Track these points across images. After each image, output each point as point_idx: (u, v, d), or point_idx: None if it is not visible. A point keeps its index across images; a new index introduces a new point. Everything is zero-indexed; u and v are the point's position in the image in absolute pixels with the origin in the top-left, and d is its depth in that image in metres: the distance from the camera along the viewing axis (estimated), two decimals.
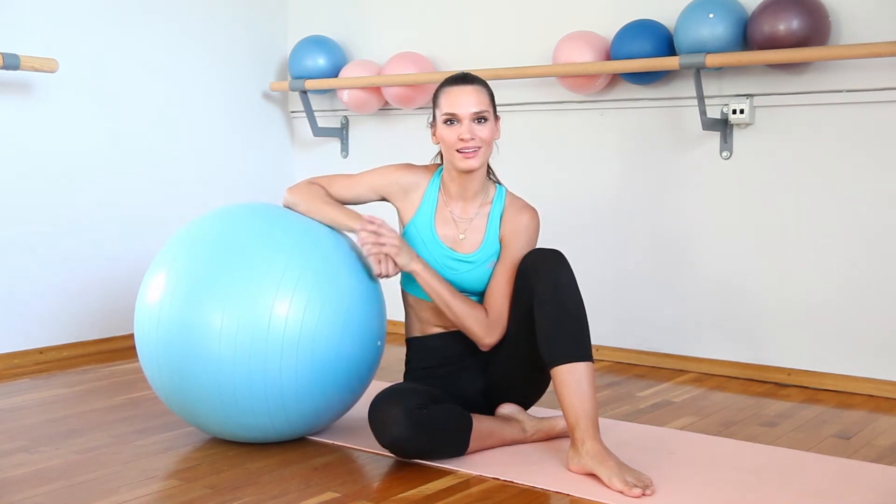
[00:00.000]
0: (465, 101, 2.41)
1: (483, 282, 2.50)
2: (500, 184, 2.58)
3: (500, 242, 2.50)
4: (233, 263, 2.31)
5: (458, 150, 2.42)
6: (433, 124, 2.49)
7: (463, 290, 2.51)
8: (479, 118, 2.42)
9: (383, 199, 2.61)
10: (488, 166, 2.57)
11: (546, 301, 2.31)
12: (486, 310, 2.46)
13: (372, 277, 2.47)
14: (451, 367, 2.55)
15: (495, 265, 2.49)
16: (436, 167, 2.58)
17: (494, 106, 2.48)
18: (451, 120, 2.42)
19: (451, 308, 2.43)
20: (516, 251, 2.47)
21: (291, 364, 2.29)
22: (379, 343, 2.51)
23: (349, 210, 2.53)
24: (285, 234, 2.39)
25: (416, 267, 2.42)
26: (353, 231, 2.49)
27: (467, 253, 2.50)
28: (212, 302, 2.28)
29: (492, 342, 2.46)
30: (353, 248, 2.52)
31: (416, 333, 2.59)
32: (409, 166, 2.59)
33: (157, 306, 2.35)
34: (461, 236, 2.51)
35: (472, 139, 2.40)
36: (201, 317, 2.27)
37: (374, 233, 2.40)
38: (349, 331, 2.37)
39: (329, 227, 2.51)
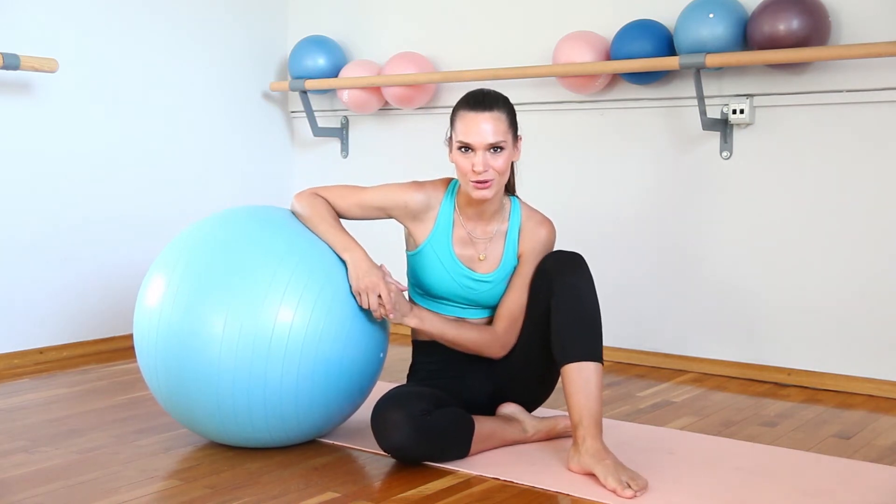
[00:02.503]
0: (480, 130, 2.30)
1: (499, 298, 2.49)
2: (514, 195, 2.55)
3: (518, 257, 2.48)
4: (238, 269, 2.28)
5: (471, 181, 2.35)
6: (450, 142, 2.41)
7: (479, 305, 2.50)
8: (495, 148, 2.33)
9: (386, 217, 2.56)
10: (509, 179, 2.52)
11: (563, 301, 2.31)
12: (495, 323, 2.46)
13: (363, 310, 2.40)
14: (457, 369, 2.54)
15: (511, 277, 2.48)
16: (448, 181, 2.52)
17: (515, 127, 2.39)
18: (466, 148, 2.34)
19: (460, 344, 2.45)
20: (534, 265, 2.46)
21: (293, 372, 2.27)
22: (382, 355, 2.50)
23: (345, 239, 2.43)
24: (292, 241, 2.36)
25: (411, 322, 2.41)
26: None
27: (486, 273, 2.47)
28: (214, 307, 2.25)
29: (505, 353, 2.47)
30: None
31: (424, 337, 2.58)
32: (419, 185, 2.50)
33: (157, 310, 2.33)
34: (481, 257, 2.47)
35: (486, 171, 2.31)
36: (203, 322, 2.26)
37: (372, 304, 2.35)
38: (353, 341, 2.36)
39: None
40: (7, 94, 3.45)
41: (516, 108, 2.33)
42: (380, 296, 2.34)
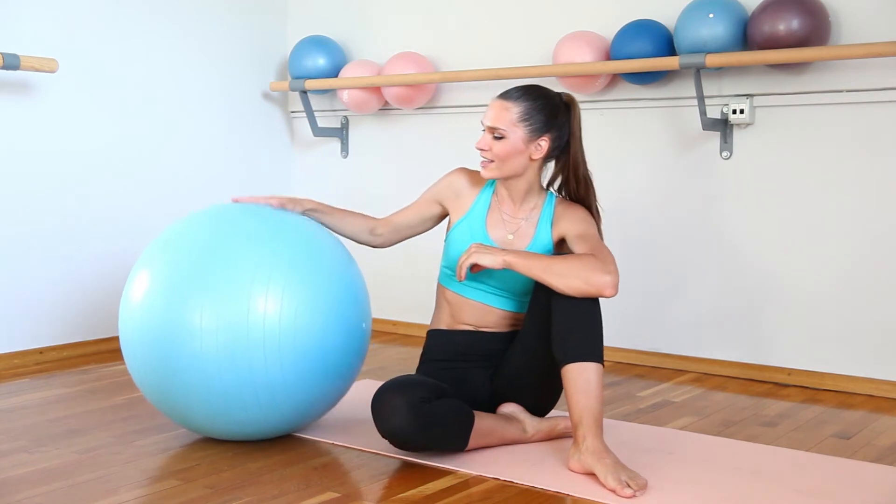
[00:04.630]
0: (489, 112, 2.46)
1: (524, 284, 2.48)
2: (551, 192, 2.60)
3: (562, 240, 2.50)
4: (207, 261, 2.31)
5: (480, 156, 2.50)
6: None
7: (509, 291, 2.51)
8: (495, 134, 2.44)
9: (444, 212, 2.64)
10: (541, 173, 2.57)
11: (564, 301, 2.31)
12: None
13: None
14: (466, 363, 2.55)
15: (572, 245, 2.45)
16: None
17: (532, 125, 2.43)
18: (482, 127, 2.49)
19: (556, 273, 2.30)
20: (582, 229, 2.46)
21: (275, 358, 2.28)
22: (364, 325, 2.50)
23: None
24: (258, 227, 2.39)
25: (508, 259, 2.34)
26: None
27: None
28: (190, 301, 2.27)
29: (614, 281, 2.29)
30: (328, 232, 2.56)
31: (443, 326, 2.60)
32: (464, 169, 2.66)
33: (138, 307, 2.35)
34: (510, 236, 2.52)
35: (485, 150, 2.46)
36: (182, 317, 2.27)
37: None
38: (331, 319, 2.37)
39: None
40: (7, 94, 3.45)
41: None
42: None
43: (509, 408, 2.51)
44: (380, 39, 4.24)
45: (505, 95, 2.48)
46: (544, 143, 2.47)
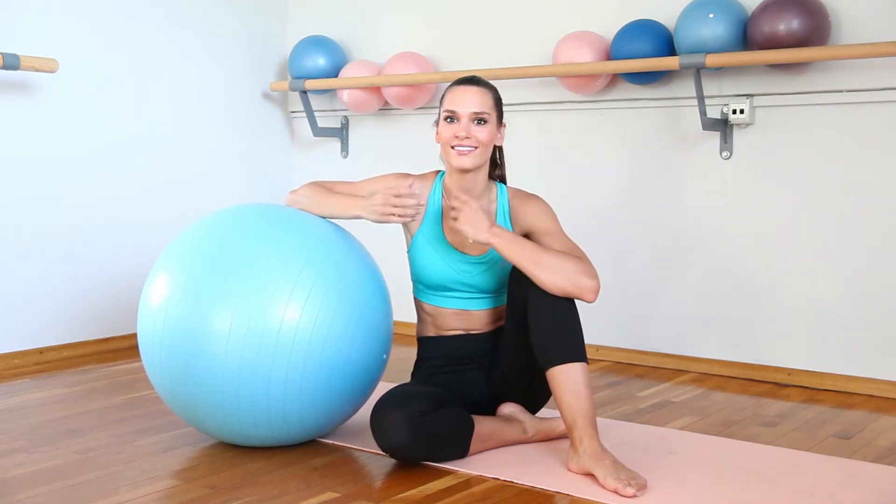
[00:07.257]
0: (466, 100, 2.42)
1: (498, 281, 2.50)
2: (501, 182, 2.59)
3: (525, 235, 2.48)
4: (246, 266, 2.28)
5: (452, 147, 2.43)
6: (437, 123, 2.50)
7: (480, 291, 2.51)
8: (479, 119, 2.42)
9: None
10: (495, 165, 2.58)
11: (539, 304, 2.30)
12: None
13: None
14: (460, 366, 2.55)
15: (542, 244, 2.43)
16: (435, 174, 2.59)
17: (500, 111, 2.49)
18: (451, 117, 2.44)
19: (544, 266, 2.28)
20: (550, 226, 2.47)
21: (297, 370, 2.26)
22: (385, 356, 2.50)
23: (347, 200, 2.50)
24: (300, 239, 2.36)
25: (494, 241, 2.32)
26: (359, 218, 2.49)
27: (479, 255, 2.50)
28: (222, 304, 2.25)
29: (597, 287, 2.31)
30: (363, 251, 2.52)
31: (431, 334, 2.59)
32: (408, 175, 2.57)
33: (162, 307, 2.32)
34: (470, 240, 2.47)
35: (468, 138, 2.41)
36: (210, 319, 2.25)
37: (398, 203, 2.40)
38: (358, 341, 2.36)
39: (334, 217, 2.52)
40: (7, 94, 3.46)
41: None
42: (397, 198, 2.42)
43: (509, 408, 2.51)
44: (380, 39, 4.24)
45: (474, 82, 2.46)
46: (504, 130, 2.52)
